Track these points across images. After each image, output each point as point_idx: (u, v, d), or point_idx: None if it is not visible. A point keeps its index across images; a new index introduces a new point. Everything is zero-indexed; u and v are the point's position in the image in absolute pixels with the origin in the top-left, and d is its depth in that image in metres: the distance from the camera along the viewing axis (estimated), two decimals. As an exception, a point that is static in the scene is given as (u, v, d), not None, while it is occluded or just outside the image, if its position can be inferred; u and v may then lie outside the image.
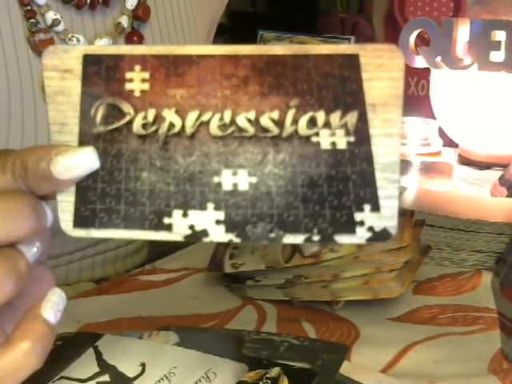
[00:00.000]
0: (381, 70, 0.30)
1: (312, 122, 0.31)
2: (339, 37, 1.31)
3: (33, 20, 0.61)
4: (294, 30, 1.33)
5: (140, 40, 0.68)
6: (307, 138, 0.31)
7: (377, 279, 0.56)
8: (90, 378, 0.45)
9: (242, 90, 0.31)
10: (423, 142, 1.02)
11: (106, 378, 0.45)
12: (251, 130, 0.31)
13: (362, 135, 0.31)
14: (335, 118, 0.31)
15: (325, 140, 0.31)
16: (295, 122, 0.31)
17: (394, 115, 0.30)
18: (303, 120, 0.31)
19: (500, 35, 0.89)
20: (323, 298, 0.58)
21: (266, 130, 0.31)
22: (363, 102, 0.30)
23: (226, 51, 0.31)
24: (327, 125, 0.31)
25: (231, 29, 1.48)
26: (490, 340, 0.54)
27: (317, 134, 0.31)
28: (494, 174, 0.86)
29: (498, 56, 0.89)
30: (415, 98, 1.24)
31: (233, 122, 0.31)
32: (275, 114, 0.31)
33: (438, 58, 0.95)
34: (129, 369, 0.46)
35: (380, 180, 0.31)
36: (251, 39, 1.32)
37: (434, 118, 1.04)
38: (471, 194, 0.87)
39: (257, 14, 1.95)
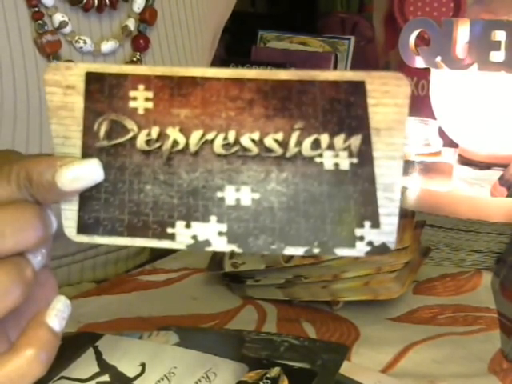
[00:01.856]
0: (386, 96, 0.30)
1: (316, 144, 0.31)
2: (339, 37, 1.31)
3: (40, 21, 0.61)
4: (294, 30, 1.33)
5: (146, 43, 0.68)
6: (310, 159, 0.31)
7: (377, 280, 0.56)
8: (90, 378, 0.45)
9: (247, 112, 0.31)
10: (423, 141, 1.02)
11: (105, 378, 0.45)
12: (255, 149, 0.32)
13: (365, 157, 0.31)
14: (339, 140, 0.31)
15: (328, 161, 0.31)
16: (299, 143, 0.31)
17: (397, 139, 0.31)
18: (307, 142, 0.31)
19: (500, 35, 0.89)
20: (323, 298, 0.58)
21: (269, 150, 0.32)
22: (368, 126, 0.31)
23: (231, 74, 0.31)
24: (331, 147, 0.31)
25: (231, 29, 1.48)
26: (490, 340, 0.54)
27: (320, 155, 0.31)
28: (494, 174, 0.86)
29: (498, 56, 0.89)
30: (415, 98, 1.23)
31: (237, 141, 0.32)
32: (279, 136, 0.31)
33: (438, 58, 0.95)
34: (129, 369, 0.46)
35: (381, 199, 0.31)
36: (251, 39, 1.32)
37: (434, 117, 1.04)
38: (471, 194, 0.87)
39: (257, 14, 1.95)
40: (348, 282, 0.57)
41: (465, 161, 1.00)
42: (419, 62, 0.99)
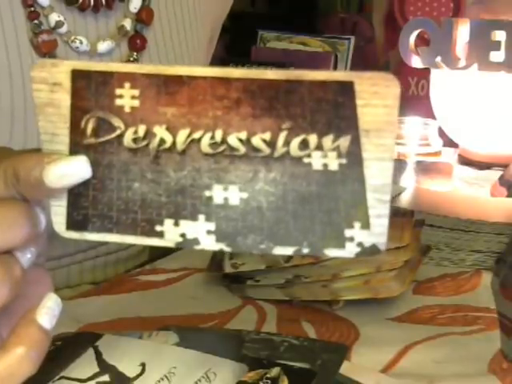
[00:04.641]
0: (376, 97, 0.30)
1: (304, 144, 0.31)
2: (339, 37, 1.31)
3: (36, 21, 0.61)
4: (294, 30, 1.34)
5: (143, 43, 0.68)
6: (299, 159, 0.31)
7: (377, 279, 0.56)
8: (90, 378, 0.45)
9: (234, 111, 0.31)
10: (423, 142, 1.02)
11: (105, 378, 0.45)
12: (242, 149, 0.31)
13: (354, 158, 0.31)
14: (327, 141, 0.31)
15: (316, 161, 0.31)
16: (287, 143, 0.31)
17: (387, 140, 0.30)
18: (295, 142, 0.31)
19: (500, 35, 0.89)
20: (323, 298, 0.58)
21: (257, 149, 0.31)
22: (356, 127, 0.30)
23: (218, 73, 0.31)
24: (319, 147, 0.31)
25: (231, 29, 1.48)
26: (490, 340, 0.54)
27: (309, 156, 0.31)
28: (494, 174, 0.86)
29: (497, 56, 0.89)
30: (415, 98, 1.24)
31: (224, 141, 0.31)
32: (267, 136, 0.31)
33: (438, 58, 0.95)
34: (129, 369, 0.46)
35: (371, 200, 0.31)
36: (251, 39, 1.32)
37: (434, 117, 1.04)
38: (471, 194, 0.87)
39: (257, 14, 1.95)
40: (348, 281, 0.57)
41: (465, 161, 1.00)
42: (419, 62, 0.99)
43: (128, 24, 0.67)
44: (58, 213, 0.33)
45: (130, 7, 0.68)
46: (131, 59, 0.68)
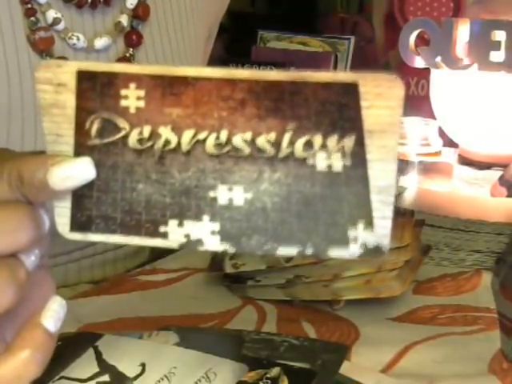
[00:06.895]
0: (379, 98, 0.30)
1: (308, 145, 0.31)
2: (339, 37, 1.31)
3: (33, 18, 0.62)
4: (294, 30, 1.33)
5: (139, 39, 0.68)
6: (303, 160, 0.31)
7: (378, 278, 0.56)
8: (90, 378, 0.45)
9: (239, 112, 0.31)
10: (423, 141, 1.02)
11: (105, 378, 0.45)
12: (247, 149, 0.31)
13: (358, 159, 0.31)
14: (332, 141, 0.31)
15: (321, 162, 0.31)
16: (291, 144, 0.31)
17: (390, 141, 0.30)
18: (300, 142, 0.31)
19: (500, 35, 0.89)
20: (324, 298, 0.58)
21: (261, 150, 0.31)
22: (361, 128, 0.30)
23: (223, 75, 0.31)
24: (324, 148, 0.31)
25: (231, 29, 1.48)
26: (490, 340, 0.54)
27: (313, 156, 0.31)
28: (494, 174, 0.86)
29: (497, 56, 0.89)
30: (415, 98, 1.24)
31: (229, 141, 0.31)
32: (272, 136, 0.31)
33: (438, 58, 0.95)
34: (129, 369, 0.46)
35: (375, 202, 0.31)
36: (251, 39, 1.32)
37: (434, 118, 1.04)
38: (471, 194, 0.87)
39: (257, 14, 1.95)
40: (349, 281, 0.57)
41: (465, 161, 1.00)
42: (419, 62, 0.99)
43: (125, 20, 0.67)
44: (62, 214, 0.33)
45: (126, 3, 0.68)
46: (127, 55, 0.68)
